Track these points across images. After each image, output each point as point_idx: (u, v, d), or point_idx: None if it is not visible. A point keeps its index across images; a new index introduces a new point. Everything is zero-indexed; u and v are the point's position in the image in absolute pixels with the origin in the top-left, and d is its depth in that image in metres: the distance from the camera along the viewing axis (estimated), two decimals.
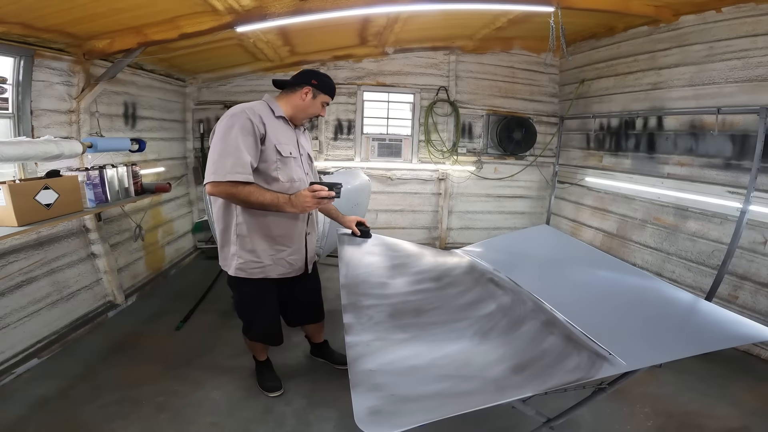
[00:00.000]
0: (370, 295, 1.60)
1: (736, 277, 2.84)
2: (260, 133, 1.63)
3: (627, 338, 1.27)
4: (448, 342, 1.30)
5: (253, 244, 1.76)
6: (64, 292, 2.70)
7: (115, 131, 3.26)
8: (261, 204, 1.61)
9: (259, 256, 1.78)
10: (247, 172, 1.57)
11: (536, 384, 1.07)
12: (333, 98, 1.88)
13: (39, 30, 2.31)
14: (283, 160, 1.71)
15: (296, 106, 1.79)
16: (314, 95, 1.79)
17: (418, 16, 3.34)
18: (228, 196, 1.60)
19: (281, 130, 1.75)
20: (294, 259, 1.88)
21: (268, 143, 1.66)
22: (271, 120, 1.71)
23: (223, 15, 2.53)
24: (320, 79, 1.80)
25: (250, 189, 1.58)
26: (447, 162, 4.76)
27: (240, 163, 1.55)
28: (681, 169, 3.28)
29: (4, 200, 1.99)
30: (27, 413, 1.95)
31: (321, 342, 2.45)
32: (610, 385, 1.44)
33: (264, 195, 1.60)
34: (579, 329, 1.30)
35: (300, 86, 1.78)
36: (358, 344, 1.25)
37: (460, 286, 1.74)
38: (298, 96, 1.78)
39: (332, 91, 1.86)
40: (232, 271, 1.81)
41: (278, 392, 2.15)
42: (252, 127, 1.61)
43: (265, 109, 1.73)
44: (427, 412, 0.98)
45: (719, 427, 2.01)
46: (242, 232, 1.75)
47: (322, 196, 1.60)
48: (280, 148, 1.70)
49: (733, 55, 2.83)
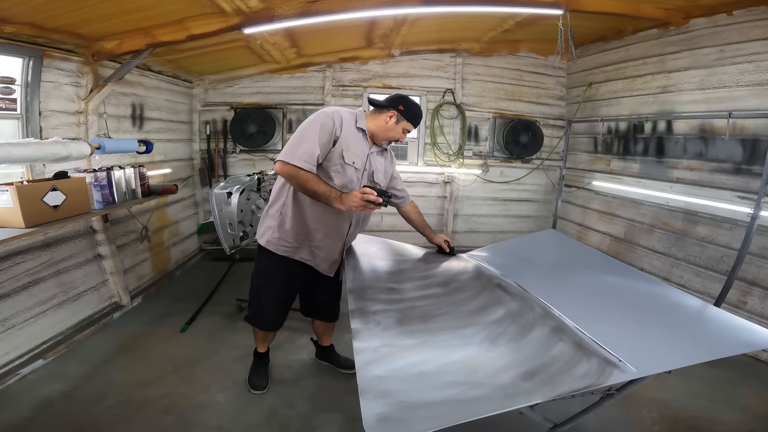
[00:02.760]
0: (378, 300, 1.58)
1: (745, 283, 2.81)
2: (336, 135, 1.76)
3: (637, 344, 1.25)
4: (457, 348, 1.28)
5: (290, 225, 1.89)
6: (70, 293, 2.71)
7: (123, 132, 3.28)
8: (314, 191, 1.70)
9: (291, 237, 1.91)
10: (312, 163, 1.70)
11: (546, 391, 1.05)
12: (416, 127, 1.97)
13: (48, 30, 2.33)
14: (343, 166, 1.80)
15: (379, 126, 1.87)
16: (398, 120, 1.86)
17: (425, 18, 3.33)
18: (290, 177, 1.72)
19: (355, 141, 1.84)
20: (322, 254, 1.97)
21: (337, 146, 1.78)
22: (351, 128, 1.83)
23: (230, 16, 2.54)
24: (408, 106, 1.88)
25: (309, 176, 1.69)
26: (453, 165, 4.75)
27: (309, 152, 1.70)
28: (690, 174, 3.25)
29: (11, 202, 2.00)
30: (32, 415, 1.95)
31: (327, 345, 2.46)
32: (619, 391, 1.43)
33: (320, 185, 1.69)
34: (588, 336, 1.28)
35: (387, 109, 1.86)
36: (366, 350, 1.23)
37: (467, 291, 1.72)
38: (383, 118, 1.86)
39: (416, 120, 1.92)
40: (263, 241, 1.95)
41: (261, 391, 2.19)
42: (332, 127, 1.75)
43: (350, 117, 1.85)
44: (436, 419, 0.96)
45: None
46: (286, 212, 1.89)
47: (370, 199, 1.64)
48: (345, 155, 1.79)
49: (744, 59, 2.81)
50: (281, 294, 2.06)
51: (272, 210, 1.95)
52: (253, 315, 2.13)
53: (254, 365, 2.28)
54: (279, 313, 2.11)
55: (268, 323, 2.13)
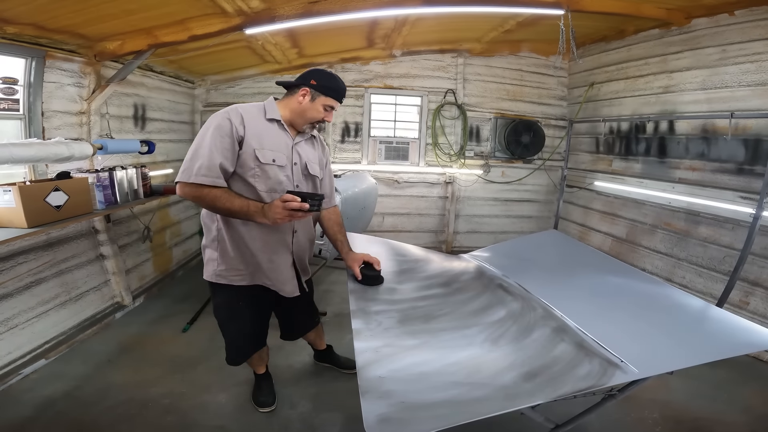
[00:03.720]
0: (379, 300, 1.58)
1: (747, 283, 2.80)
2: (238, 135, 1.49)
3: (638, 345, 1.25)
4: (459, 349, 1.28)
5: (231, 251, 1.63)
6: (72, 293, 2.72)
7: (125, 133, 3.29)
8: (228, 210, 1.47)
9: (240, 264, 1.65)
10: (214, 176, 1.44)
11: (547, 392, 1.06)
12: (340, 101, 1.66)
13: (51, 31, 2.33)
14: (262, 168, 1.54)
15: (293, 109, 1.61)
16: (313, 97, 1.59)
17: (426, 18, 3.33)
18: (195, 200, 1.47)
19: (269, 135, 1.58)
20: (275, 276, 1.70)
21: (246, 147, 1.51)
22: (259, 123, 1.56)
23: (232, 17, 2.55)
24: (321, 78, 1.59)
25: (216, 193, 1.44)
26: (454, 165, 4.74)
27: (208, 165, 1.43)
28: (692, 174, 3.24)
29: (14, 202, 2.01)
30: (33, 414, 1.95)
31: (324, 348, 2.40)
32: (620, 392, 1.43)
33: (233, 201, 1.45)
34: (590, 336, 1.29)
35: (298, 87, 1.60)
36: (367, 350, 1.23)
37: (469, 291, 1.72)
38: (296, 99, 1.60)
39: (335, 92, 1.62)
40: (210, 276, 1.69)
41: (269, 408, 2.06)
42: (230, 127, 1.47)
43: (256, 110, 1.59)
44: (438, 419, 0.96)
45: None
46: (222, 237, 1.63)
47: (292, 207, 1.38)
48: (260, 154, 1.52)
49: (746, 59, 2.80)
50: (252, 324, 1.83)
51: (207, 240, 1.67)
52: (233, 356, 1.88)
53: (257, 384, 2.16)
54: (258, 340, 1.92)
55: (251, 352, 1.94)
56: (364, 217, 3.63)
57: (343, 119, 4.61)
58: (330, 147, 4.61)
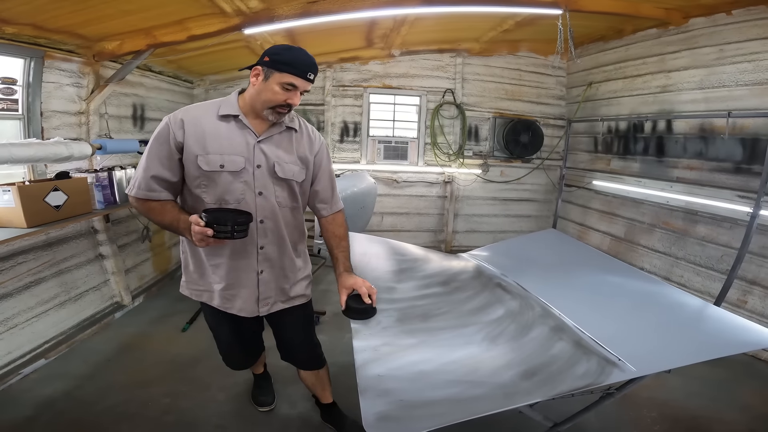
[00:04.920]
0: (378, 300, 1.58)
1: (745, 282, 2.82)
2: (176, 141, 1.30)
3: (636, 344, 1.26)
4: (457, 347, 1.29)
5: (193, 266, 1.48)
6: (71, 293, 2.72)
7: (124, 133, 3.29)
8: (162, 224, 1.34)
9: (199, 280, 1.48)
10: (148, 189, 1.30)
11: (545, 390, 1.06)
12: (302, 77, 1.29)
13: (49, 31, 2.34)
14: (207, 176, 1.32)
15: (250, 94, 1.35)
16: (266, 76, 1.29)
17: (425, 18, 3.33)
18: (138, 210, 1.38)
19: (219, 136, 1.33)
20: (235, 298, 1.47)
21: (187, 154, 1.31)
22: (206, 123, 1.33)
23: (231, 17, 2.55)
24: (274, 53, 1.28)
25: (152, 205, 1.33)
26: (453, 165, 4.75)
27: (143, 177, 1.31)
28: (690, 173, 3.26)
29: (13, 202, 2.01)
30: (34, 414, 1.96)
31: (329, 403, 1.93)
32: (618, 390, 1.44)
33: (164, 214, 1.32)
34: (588, 335, 1.29)
35: (251, 68, 1.34)
36: (366, 349, 1.24)
37: (467, 290, 1.73)
38: (250, 83, 1.35)
39: (291, 66, 1.27)
40: (180, 285, 1.56)
41: (269, 407, 2.06)
42: (166, 133, 1.30)
43: (206, 109, 1.37)
44: (436, 417, 0.97)
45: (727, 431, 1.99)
46: (185, 249, 1.49)
47: (195, 231, 1.20)
48: (203, 161, 1.30)
49: (743, 58, 2.81)
50: (232, 342, 1.69)
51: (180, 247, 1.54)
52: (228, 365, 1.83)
53: (256, 383, 2.14)
54: (243, 357, 1.82)
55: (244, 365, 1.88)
56: (363, 216, 3.64)
57: (342, 119, 4.61)
58: (329, 147, 4.61)
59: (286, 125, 1.43)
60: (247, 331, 1.66)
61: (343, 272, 1.48)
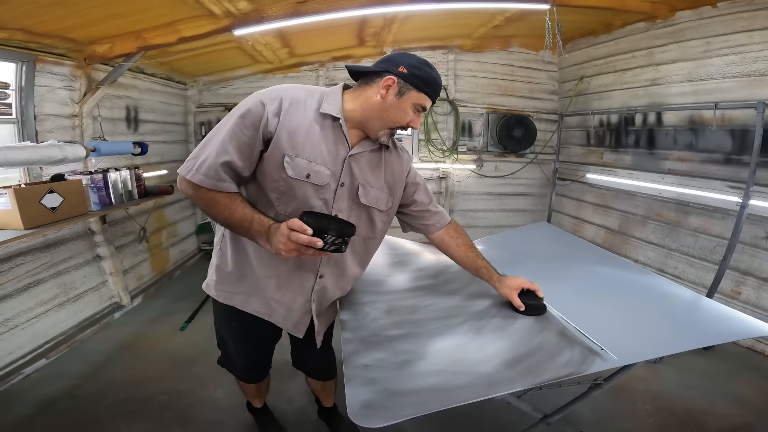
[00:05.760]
0: (368, 292, 1.61)
1: (738, 273, 2.83)
2: (267, 131, 1.08)
3: (621, 334, 1.27)
4: (442, 338, 1.31)
5: (232, 267, 1.29)
6: (70, 294, 2.75)
7: (118, 135, 3.31)
8: (225, 221, 1.11)
9: (234, 282, 1.30)
10: (217, 178, 1.07)
11: (528, 379, 1.08)
12: (434, 101, 1.17)
13: (40, 35, 2.35)
14: (288, 183, 1.12)
15: (370, 105, 1.13)
16: (401, 91, 1.11)
17: (416, 16, 3.35)
18: (192, 198, 1.11)
19: (313, 137, 1.13)
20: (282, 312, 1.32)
21: (273, 149, 1.10)
22: (304, 116, 1.12)
23: (220, 19, 2.57)
24: (414, 66, 1.11)
25: (217, 197, 1.08)
26: (447, 161, 4.77)
27: (212, 163, 1.06)
28: (682, 165, 3.28)
29: (10, 204, 2.04)
30: (35, 413, 1.99)
31: (329, 407, 1.93)
32: (606, 381, 1.45)
33: (233, 211, 1.08)
34: (573, 325, 1.31)
35: (380, 75, 1.12)
36: (353, 340, 1.27)
37: (456, 282, 1.75)
38: (374, 90, 1.12)
39: (432, 88, 1.14)
40: (204, 284, 1.39)
41: None
42: (260, 116, 1.07)
43: (309, 98, 1.14)
44: (419, 405, 1.00)
45: (722, 424, 1.99)
46: (225, 248, 1.29)
47: (300, 241, 0.98)
48: (290, 164, 1.10)
49: (730, 51, 2.82)
50: (247, 351, 1.52)
51: (215, 241, 1.35)
52: (223, 361, 1.65)
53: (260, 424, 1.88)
54: (254, 368, 1.63)
55: (241, 375, 1.67)
56: None
57: None
58: None
59: (382, 144, 1.22)
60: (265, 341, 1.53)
61: (500, 278, 1.42)
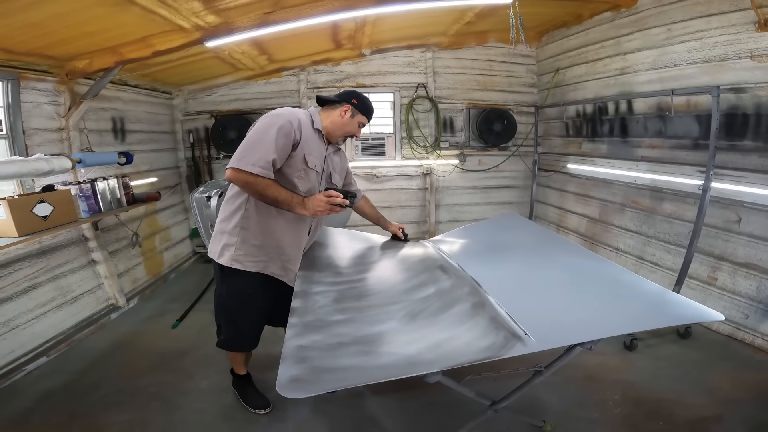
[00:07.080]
0: (321, 282, 1.73)
1: (713, 258, 2.82)
2: (296, 139, 1.69)
3: (550, 320, 1.31)
4: (379, 323, 1.40)
5: (257, 240, 1.78)
6: (68, 296, 2.91)
7: (106, 146, 3.44)
8: (275, 199, 1.64)
9: (259, 252, 1.79)
10: (268, 169, 1.62)
11: (445, 361, 1.15)
12: (369, 121, 1.94)
13: (21, 54, 2.46)
14: (306, 171, 1.75)
15: (334, 122, 1.83)
16: (352, 114, 1.84)
17: (387, 17, 3.39)
18: (245, 185, 1.63)
19: (314, 143, 1.78)
20: (290, 266, 1.87)
21: (299, 151, 1.71)
22: (309, 130, 1.76)
23: (191, 32, 2.67)
24: (361, 100, 1.86)
25: (268, 182, 1.62)
26: (431, 157, 4.85)
27: (265, 158, 1.60)
28: (653, 152, 3.31)
29: (4, 214, 2.22)
30: (33, 405, 2.16)
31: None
32: (546, 369, 1.51)
33: (280, 191, 1.64)
34: (505, 310, 1.35)
35: (340, 104, 1.83)
36: (297, 325, 1.37)
37: (408, 272, 1.84)
38: (337, 113, 1.83)
39: (370, 113, 1.90)
40: (226, 260, 1.79)
41: (268, 409, 2.09)
42: (291, 130, 1.67)
43: (307, 119, 1.78)
44: (340, 381, 1.13)
45: (690, 415, 1.94)
46: (247, 226, 1.77)
47: (336, 203, 1.65)
48: (308, 159, 1.74)
49: (690, 37, 2.86)
50: (259, 313, 1.94)
51: (228, 225, 1.80)
52: (228, 339, 1.98)
53: (242, 389, 2.17)
54: (258, 332, 2.01)
55: (246, 344, 2.03)
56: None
57: None
58: None
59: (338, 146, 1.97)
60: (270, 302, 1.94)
61: (388, 222, 2.32)
